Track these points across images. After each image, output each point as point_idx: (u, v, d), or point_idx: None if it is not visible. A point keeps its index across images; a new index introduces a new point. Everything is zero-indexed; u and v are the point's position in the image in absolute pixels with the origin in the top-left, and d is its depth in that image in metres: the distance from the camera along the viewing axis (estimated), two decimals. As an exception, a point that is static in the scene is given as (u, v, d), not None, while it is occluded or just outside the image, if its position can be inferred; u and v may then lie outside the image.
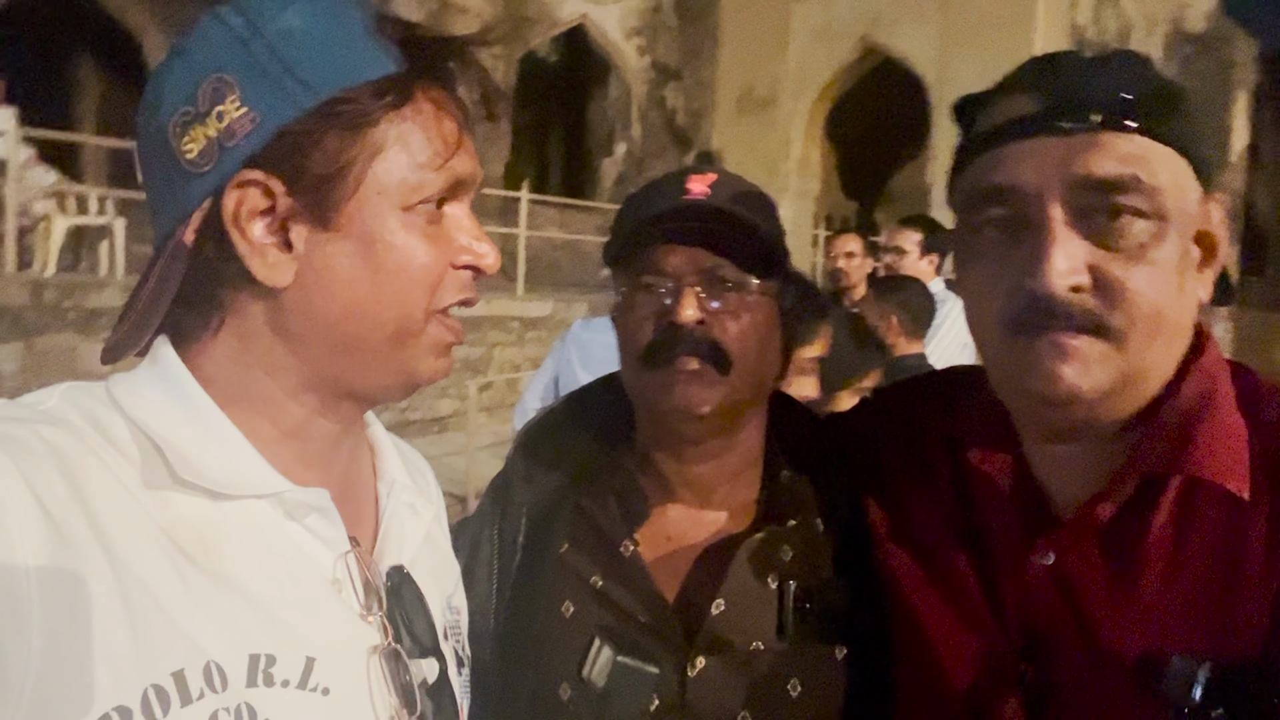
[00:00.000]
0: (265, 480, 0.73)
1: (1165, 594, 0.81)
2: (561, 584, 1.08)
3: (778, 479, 1.11)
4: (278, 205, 0.70)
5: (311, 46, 0.70)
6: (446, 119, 0.74)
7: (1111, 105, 0.78)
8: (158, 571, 0.65)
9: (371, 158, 0.71)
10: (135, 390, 0.73)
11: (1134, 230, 0.78)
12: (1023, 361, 0.82)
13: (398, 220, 0.72)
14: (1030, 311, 0.80)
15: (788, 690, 1.02)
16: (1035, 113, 0.81)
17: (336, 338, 0.74)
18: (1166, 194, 0.79)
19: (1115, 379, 0.80)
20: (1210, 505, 0.81)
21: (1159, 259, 0.79)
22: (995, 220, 0.84)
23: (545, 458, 1.16)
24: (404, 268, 0.72)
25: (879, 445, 1.10)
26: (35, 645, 0.58)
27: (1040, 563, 0.88)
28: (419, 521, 0.88)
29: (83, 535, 0.62)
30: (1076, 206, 0.79)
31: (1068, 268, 0.78)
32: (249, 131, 0.69)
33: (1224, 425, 0.82)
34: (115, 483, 0.67)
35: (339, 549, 0.77)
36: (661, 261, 1.03)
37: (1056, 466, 0.90)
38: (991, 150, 0.84)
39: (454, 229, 0.76)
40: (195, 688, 0.64)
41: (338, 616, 0.76)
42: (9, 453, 0.61)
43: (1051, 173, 0.79)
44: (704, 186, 1.05)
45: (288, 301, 0.72)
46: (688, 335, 1.01)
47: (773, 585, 1.05)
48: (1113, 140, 0.78)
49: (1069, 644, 0.86)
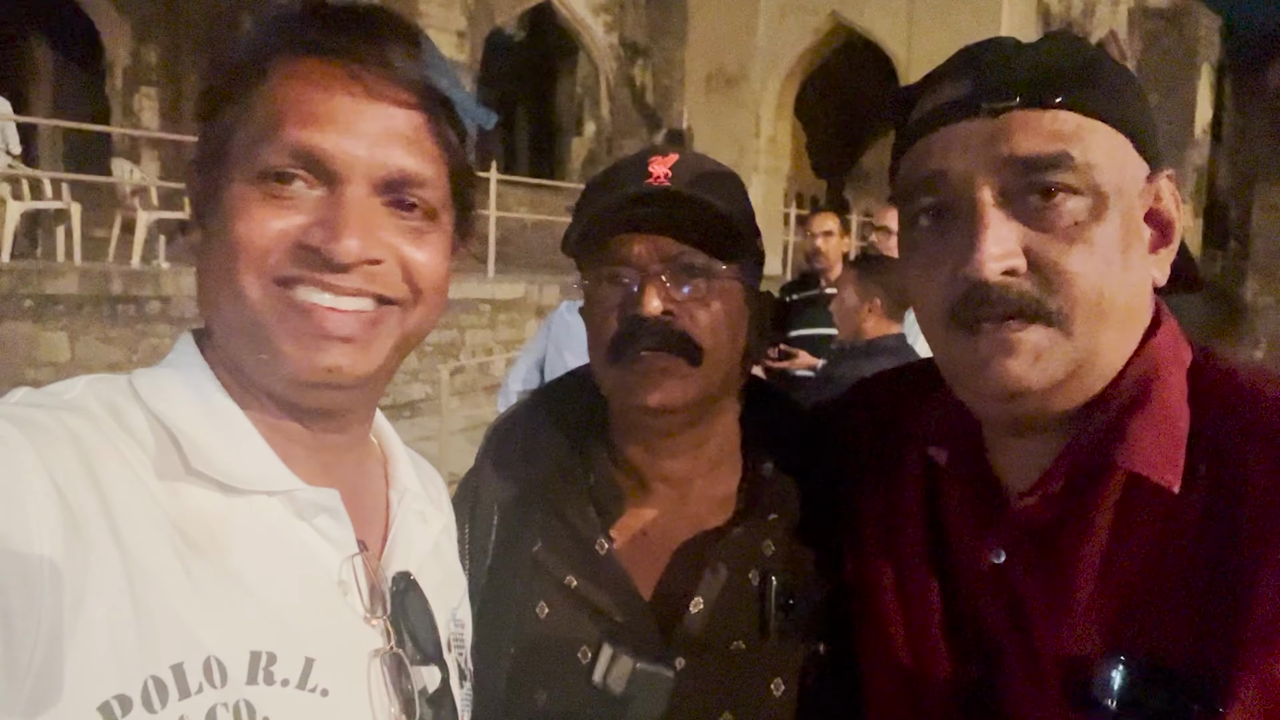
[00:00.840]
0: (277, 476, 0.74)
1: (1098, 595, 0.78)
2: (536, 584, 1.04)
3: (759, 471, 1.07)
4: (199, 195, 0.75)
5: (234, 44, 0.76)
6: (303, 89, 0.72)
7: (1036, 83, 0.76)
8: (165, 563, 0.66)
9: (229, 134, 0.73)
10: (157, 383, 0.75)
11: (1068, 208, 0.75)
12: (968, 357, 0.80)
13: (238, 192, 0.72)
14: (967, 301, 0.78)
15: (770, 689, 0.99)
16: (961, 97, 0.79)
17: (217, 322, 0.75)
18: (1101, 170, 0.75)
19: (1065, 367, 0.77)
20: (1146, 500, 0.78)
21: (1097, 237, 0.75)
22: (928, 209, 0.82)
23: (515, 455, 1.11)
24: (229, 237, 0.71)
25: (856, 438, 1.07)
26: (44, 625, 0.59)
27: (990, 561, 0.85)
28: (428, 530, 0.89)
29: (95, 522, 0.63)
30: (1007, 188, 0.76)
31: (1000, 251, 0.75)
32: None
33: (1162, 415, 0.78)
34: (130, 472, 0.68)
35: (346, 551, 0.77)
36: (624, 251, 0.99)
37: (1013, 460, 0.87)
38: (922, 139, 0.82)
39: (316, 209, 0.72)
40: (194, 681, 0.64)
41: (341, 618, 0.76)
42: (29, 436, 0.63)
43: (978, 155, 0.77)
44: (665, 169, 1.00)
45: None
46: (654, 328, 0.97)
47: (754, 581, 1.01)
48: (1039, 118, 0.76)
49: (1012, 647, 0.84)
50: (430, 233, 0.77)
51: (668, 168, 1.00)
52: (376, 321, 0.74)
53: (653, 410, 1.00)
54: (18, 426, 0.63)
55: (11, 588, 0.57)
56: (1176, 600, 0.75)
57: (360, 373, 0.74)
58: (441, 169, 0.77)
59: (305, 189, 0.72)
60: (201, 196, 0.76)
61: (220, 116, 0.74)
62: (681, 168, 1.00)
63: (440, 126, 0.77)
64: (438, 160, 0.77)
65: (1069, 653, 0.78)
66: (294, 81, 0.72)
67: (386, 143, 0.73)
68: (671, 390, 0.98)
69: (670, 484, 1.07)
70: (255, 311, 0.71)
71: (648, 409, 1.00)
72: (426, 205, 0.76)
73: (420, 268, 0.76)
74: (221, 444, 0.72)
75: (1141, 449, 0.77)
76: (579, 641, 1.01)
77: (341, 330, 0.72)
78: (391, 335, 0.76)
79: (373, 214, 0.73)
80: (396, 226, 0.74)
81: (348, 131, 0.71)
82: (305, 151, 0.71)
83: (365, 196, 0.73)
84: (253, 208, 0.71)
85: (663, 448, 1.06)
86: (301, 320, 0.71)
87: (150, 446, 0.70)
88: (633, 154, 1.06)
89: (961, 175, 0.78)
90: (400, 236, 0.75)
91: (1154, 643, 0.75)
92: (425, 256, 0.76)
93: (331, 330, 0.72)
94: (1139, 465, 0.77)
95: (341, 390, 0.75)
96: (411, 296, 0.76)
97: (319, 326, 0.72)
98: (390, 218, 0.74)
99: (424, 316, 0.78)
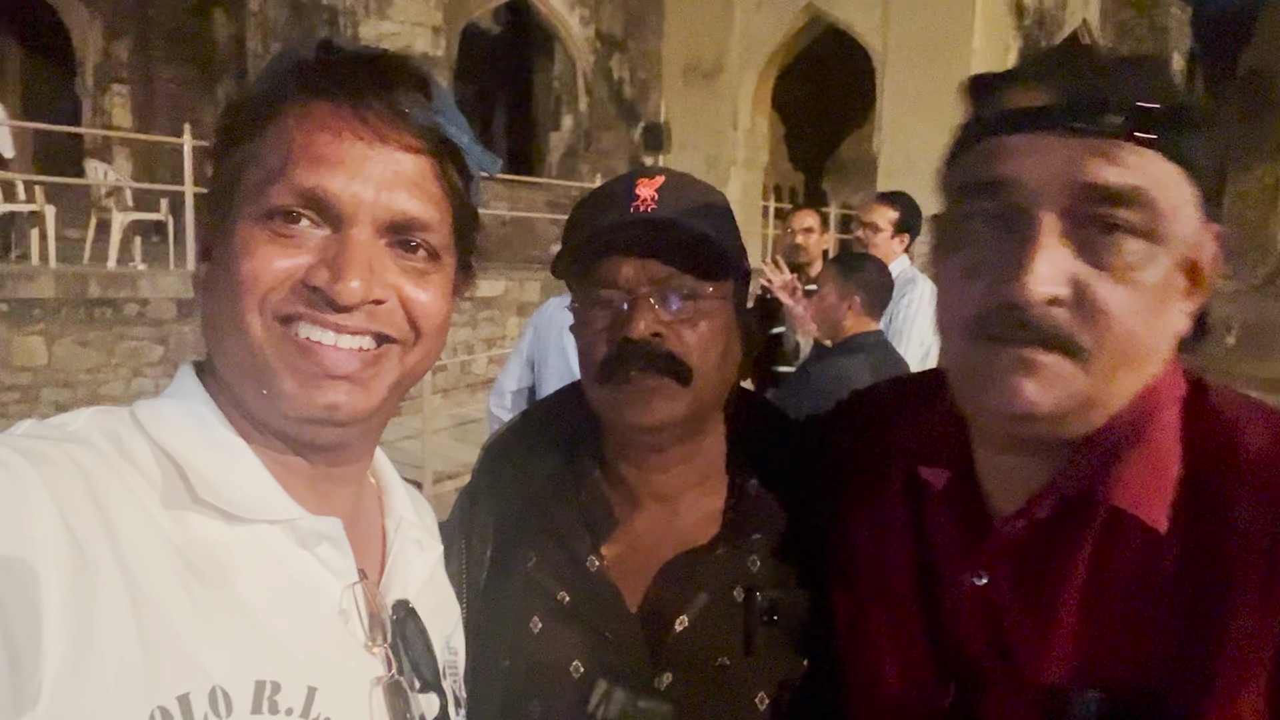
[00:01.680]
0: (280, 505, 0.75)
1: (1078, 625, 0.79)
2: (530, 601, 1.06)
3: (745, 487, 1.10)
4: (208, 229, 0.78)
5: (252, 84, 0.79)
6: (312, 132, 0.73)
7: (1131, 112, 0.73)
8: (171, 592, 0.67)
9: (239, 174, 0.75)
10: (160, 414, 0.76)
11: (1127, 249, 0.73)
12: (985, 369, 0.79)
13: (245, 230, 0.73)
14: (1001, 317, 0.76)
15: (755, 704, 1.02)
16: (1048, 106, 0.75)
17: (220, 356, 0.76)
18: (1167, 219, 0.74)
19: (1076, 401, 0.77)
20: (1131, 535, 0.78)
21: (1145, 283, 0.74)
22: (984, 213, 0.79)
23: (510, 473, 1.14)
24: (235, 274, 0.73)
25: (843, 453, 1.08)
26: (53, 658, 0.59)
27: (973, 582, 0.85)
28: (425, 559, 0.90)
29: (102, 552, 0.64)
30: (1073, 214, 0.74)
31: (1050, 277, 0.73)
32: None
33: (1154, 453, 0.79)
34: (135, 503, 0.68)
35: (347, 579, 0.79)
36: (613, 274, 1.02)
37: (1003, 481, 0.87)
38: (994, 139, 0.78)
39: (321, 250, 0.73)
40: (200, 712, 0.65)
41: (343, 647, 0.77)
42: (36, 467, 0.64)
43: (1054, 174, 0.74)
44: (651, 191, 1.03)
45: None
46: (644, 349, 1.00)
47: (738, 598, 1.04)
48: (1125, 150, 0.73)
49: (991, 673, 0.84)
50: (433, 274, 0.79)
51: (654, 190, 1.03)
52: (376, 360, 0.76)
53: (644, 429, 1.03)
54: (24, 457, 0.64)
55: (18, 619, 0.58)
56: (1154, 634, 0.76)
57: (359, 410, 0.75)
58: (446, 212, 0.79)
59: (311, 229, 0.73)
60: (210, 231, 0.78)
61: (232, 155, 0.76)
62: (667, 191, 1.03)
63: (446, 171, 0.79)
64: (442, 204, 0.79)
65: (1048, 678, 0.79)
66: (304, 124, 0.74)
67: (392, 186, 0.74)
68: (661, 409, 1.01)
69: (660, 500, 1.10)
70: (257, 347, 0.73)
71: (639, 428, 1.03)
72: (430, 248, 0.78)
73: (422, 308, 0.77)
74: (225, 473, 0.73)
75: (1132, 487, 0.78)
76: (570, 657, 1.03)
77: (341, 368, 0.74)
78: (391, 374, 0.77)
79: (377, 255, 0.75)
80: (400, 267, 0.76)
81: (355, 175, 0.73)
82: (312, 193, 0.72)
83: (370, 238, 0.74)
84: (258, 246, 0.72)
85: (653, 464, 1.08)
86: (302, 358, 0.73)
87: (155, 476, 0.71)
88: (619, 177, 1.08)
89: (1031, 189, 0.75)
90: (403, 277, 0.76)
91: (1131, 673, 0.76)
92: (427, 297, 0.78)
93: (331, 368, 0.73)
94: (1128, 503, 0.77)
95: (340, 427, 0.76)
96: (412, 336, 0.78)
97: (319, 364, 0.73)
98: (394, 258, 0.76)
99: (423, 355, 0.80)
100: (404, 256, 0.77)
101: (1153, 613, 0.77)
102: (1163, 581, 0.77)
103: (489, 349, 9.66)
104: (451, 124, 0.79)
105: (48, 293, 7.08)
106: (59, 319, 7.10)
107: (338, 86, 0.74)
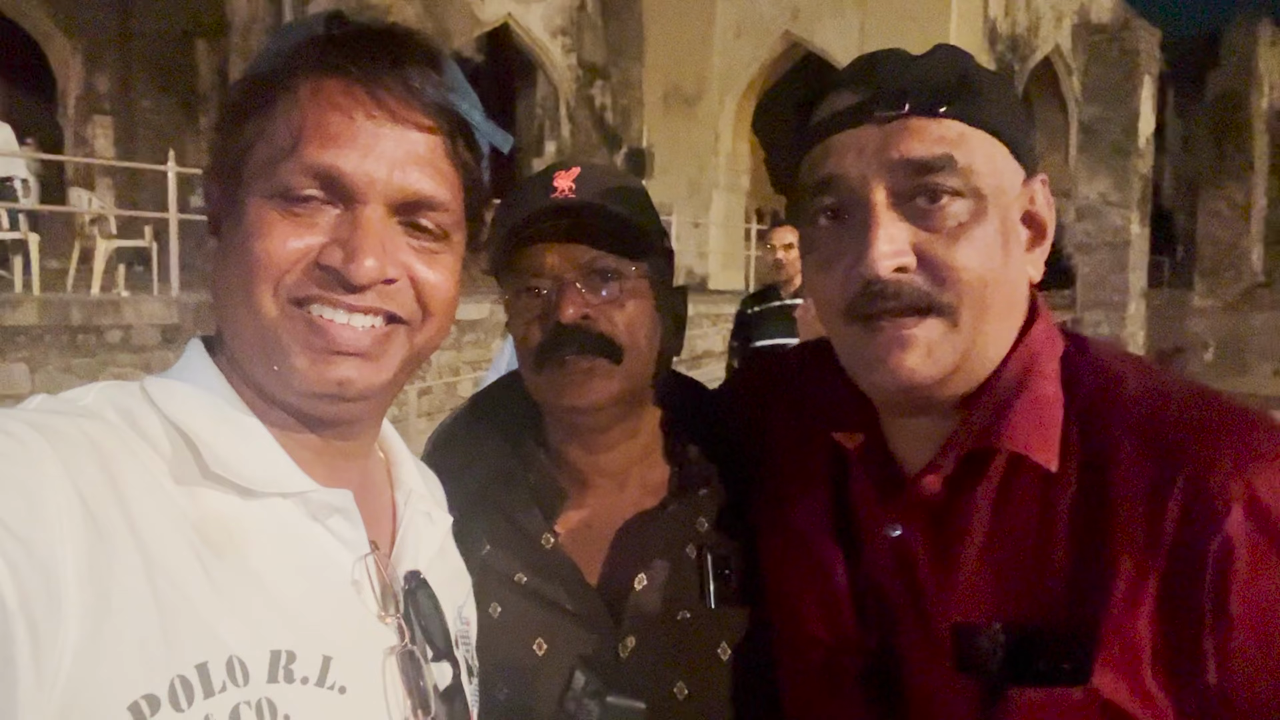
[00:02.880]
0: (291, 479, 0.75)
1: (984, 566, 0.85)
2: (487, 586, 1.07)
3: (686, 454, 1.14)
4: (215, 204, 0.77)
5: (256, 57, 0.78)
6: (325, 110, 0.73)
7: (924, 93, 0.83)
8: (185, 565, 0.67)
9: (249, 149, 0.74)
10: (170, 389, 0.76)
11: (952, 210, 0.82)
12: (866, 350, 0.86)
13: (255, 207, 0.73)
14: (863, 296, 0.83)
15: (717, 654, 1.06)
16: (856, 104, 0.85)
17: (231, 332, 0.77)
18: (981, 174, 0.83)
19: (954, 358, 0.84)
20: (1027, 478, 0.85)
21: (979, 236, 0.82)
22: (825, 209, 0.87)
23: (456, 463, 1.14)
24: (247, 253, 0.73)
25: (768, 414, 1.13)
26: (71, 630, 0.59)
27: (888, 535, 0.91)
28: (435, 531, 0.90)
29: (117, 526, 0.64)
30: (897, 190, 0.83)
31: (891, 249, 0.81)
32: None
33: (1039, 399, 0.85)
34: (148, 477, 0.69)
35: (359, 551, 0.79)
36: (538, 262, 1.05)
37: (907, 439, 0.94)
38: (821, 143, 0.87)
39: (334, 228, 0.74)
40: (218, 680, 0.65)
41: (356, 617, 0.77)
42: (50, 442, 0.63)
43: (871, 159, 0.83)
44: (569, 182, 1.06)
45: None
46: (574, 333, 1.03)
47: (691, 555, 1.08)
48: (926, 125, 0.82)
49: (907, 618, 0.90)
50: (442, 253, 0.79)
51: (571, 180, 1.06)
52: (386, 338, 0.76)
53: (583, 410, 1.06)
54: (39, 432, 0.64)
55: (37, 594, 0.58)
56: (1052, 570, 0.82)
57: (369, 386, 0.76)
58: (457, 191, 0.79)
59: (323, 207, 0.73)
60: (219, 206, 0.77)
61: (240, 129, 0.75)
62: (584, 180, 1.07)
63: (458, 149, 0.78)
64: (454, 182, 0.79)
65: (957, 620, 0.85)
66: (316, 101, 0.73)
67: (405, 165, 0.74)
68: (597, 389, 1.04)
69: (607, 476, 1.14)
70: (269, 326, 0.73)
71: (578, 409, 1.06)
72: (440, 227, 0.78)
73: (432, 288, 0.78)
74: (237, 447, 0.74)
75: (1021, 432, 0.84)
76: (533, 635, 1.06)
77: (353, 345, 0.74)
78: (400, 352, 0.78)
79: (389, 234, 0.75)
80: (410, 246, 0.76)
81: (367, 153, 0.73)
82: (325, 172, 0.72)
83: (382, 217, 0.74)
84: (272, 226, 0.72)
85: (597, 443, 1.12)
86: (314, 334, 0.73)
87: (167, 451, 0.71)
88: (536, 173, 1.12)
89: (856, 178, 0.84)
90: (413, 256, 0.77)
91: (1032, 609, 0.82)
92: (437, 277, 0.78)
93: (343, 345, 0.74)
94: (1019, 446, 0.84)
95: (351, 403, 0.77)
96: (421, 315, 0.78)
97: (331, 341, 0.73)
98: (405, 237, 0.76)
99: (433, 334, 0.81)
100: (415, 235, 0.77)
101: (1049, 550, 0.83)
102: (1057, 520, 0.83)
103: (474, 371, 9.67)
104: (463, 101, 0.78)
105: (31, 320, 7.06)
106: (42, 346, 7.08)
107: (350, 63, 0.73)
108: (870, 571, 0.94)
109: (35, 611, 0.58)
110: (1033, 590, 0.83)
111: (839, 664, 0.95)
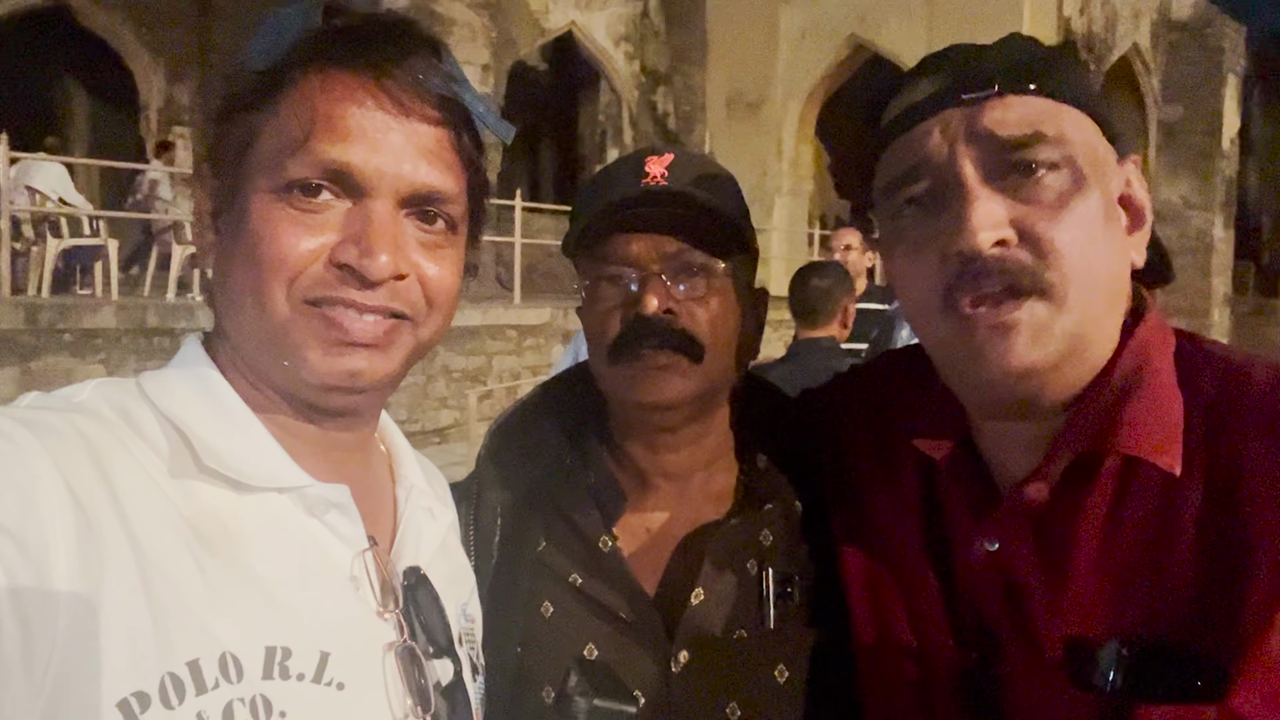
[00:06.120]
0: (287, 473, 0.75)
1: (1097, 579, 0.79)
2: (540, 584, 1.05)
3: (754, 464, 1.09)
4: (213, 196, 0.77)
5: (249, 48, 0.77)
6: (333, 103, 0.72)
7: (1008, 71, 0.80)
8: (178, 561, 0.67)
9: (251, 141, 0.74)
10: (165, 384, 0.76)
11: (1050, 181, 0.78)
12: (966, 344, 0.80)
13: (262, 203, 0.72)
14: (963, 276, 0.78)
15: (774, 676, 1.00)
16: (938, 90, 0.82)
17: (236, 328, 0.76)
18: (1075, 146, 0.79)
19: (1064, 342, 0.78)
20: (1145, 483, 0.78)
21: (1081, 210, 0.77)
22: (914, 198, 0.83)
23: (515, 455, 1.11)
24: (258, 252, 0.72)
25: (850, 427, 1.08)
26: (61, 626, 0.59)
27: (984, 549, 0.85)
28: (436, 526, 0.89)
29: (109, 522, 0.64)
30: (989, 168, 0.79)
31: (990, 221, 0.77)
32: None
33: (1157, 400, 0.79)
34: (142, 473, 0.68)
35: (357, 546, 0.78)
36: (623, 251, 1.00)
37: (1004, 446, 0.88)
38: (901, 136, 0.84)
39: (344, 224, 0.73)
40: (211, 677, 0.65)
41: (354, 613, 0.77)
42: (41, 438, 0.63)
43: (959, 138, 0.80)
44: (661, 169, 1.01)
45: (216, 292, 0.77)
46: (656, 327, 0.98)
47: (752, 571, 1.03)
48: (1014, 103, 0.79)
49: (1011, 633, 0.84)
50: (447, 247, 0.79)
51: (664, 167, 1.01)
52: (395, 329, 0.77)
53: (656, 407, 1.02)
54: (30, 429, 0.64)
55: (28, 589, 0.58)
56: (1176, 581, 0.75)
57: (379, 376, 0.76)
58: (462, 182, 0.79)
59: (332, 201, 0.73)
60: (218, 197, 0.76)
61: (240, 121, 0.75)
62: (677, 167, 1.02)
63: (462, 139, 0.78)
64: (459, 173, 0.78)
65: (1069, 636, 0.79)
66: (322, 94, 0.72)
67: (414, 157, 0.74)
68: (674, 387, 1.00)
69: (670, 479, 1.09)
70: (280, 324, 0.73)
71: (651, 406, 1.02)
72: (448, 219, 0.78)
73: (438, 283, 0.78)
74: (232, 442, 0.73)
75: (1141, 433, 0.77)
76: (584, 640, 1.02)
77: (364, 336, 0.74)
78: (407, 345, 0.78)
79: (398, 228, 0.75)
80: (417, 240, 0.76)
81: (376, 146, 0.72)
82: (334, 166, 0.71)
83: (392, 211, 0.74)
84: (281, 225, 0.72)
85: (663, 443, 1.07)
86: (326, 328, 0.73)
87: (161, 446, 0.71)
88: (628, 155, 1.08)
89: (945, 158, 0.80)
90: (420, 252, 0.76)
91: (1154, 623, 0.75)
92: (441, 271, 0.78)
93: (356, 336, 0.74)
94: (1141, 449, 0.77)
95: (359, 393, 0.77)
96: (425, 310, 0.78)
97: (345, 332, 0.73)
98: (412, 230, 0.76)
99: (436, 327, 0.81)
100: (422, 229, 0.77)
101: (1172, 560, 0.76)
102: (1181, 528, 0.76)
103: (534, 376, 9.74)
104: (466, 92, 0.78)
105: (109, 323, 7.33)
106: (120, 348, 7.34)
107: (356, 55, 0.73)
108: (965, 588, 0.88)
109: (28, 608, 0.58)
110: (1154, 603, 0.76)
111: (933, 683, 0.90)
